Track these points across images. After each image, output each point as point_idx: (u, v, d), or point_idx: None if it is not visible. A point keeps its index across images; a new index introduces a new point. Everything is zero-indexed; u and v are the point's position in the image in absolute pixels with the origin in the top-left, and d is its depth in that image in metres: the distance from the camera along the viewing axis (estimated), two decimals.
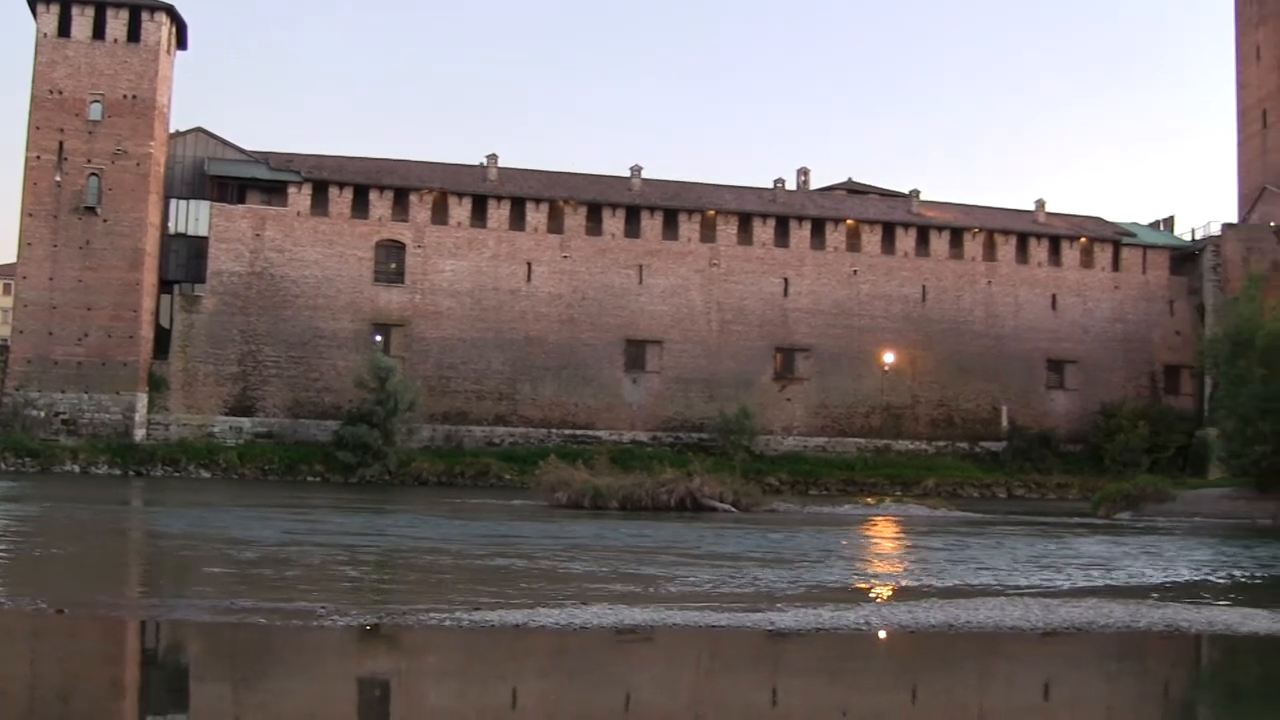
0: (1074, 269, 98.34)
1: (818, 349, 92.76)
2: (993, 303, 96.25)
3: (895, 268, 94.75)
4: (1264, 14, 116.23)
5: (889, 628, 19.66)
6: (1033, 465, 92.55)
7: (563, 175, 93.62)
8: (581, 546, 34.20)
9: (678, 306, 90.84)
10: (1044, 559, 33.03)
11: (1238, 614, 21.49)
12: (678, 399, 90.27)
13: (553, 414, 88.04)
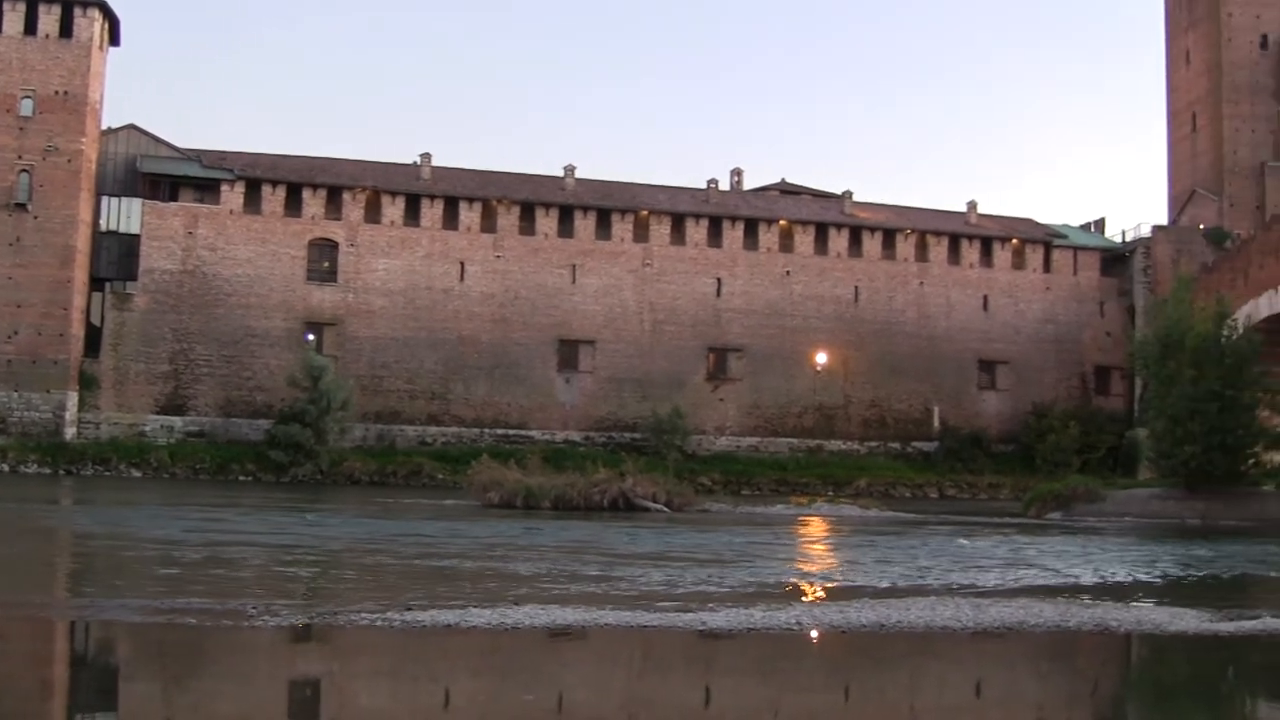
0: (1006, 270, 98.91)
1: (750, 349, 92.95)
2: (925, 303, 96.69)
3: (828, 268, 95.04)
4: (1193, 18, 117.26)
5: (821, 628, 19.73)
6: (964, 465, 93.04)
7: (496, 174, 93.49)
8: (513, 547, 34.18)
9: (611, 306, 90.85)
10: (975, 559, 33.20)
11: (1166, 613, 21.67)
12: (611, 399, 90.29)
13: (485, 413, 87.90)
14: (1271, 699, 16.54)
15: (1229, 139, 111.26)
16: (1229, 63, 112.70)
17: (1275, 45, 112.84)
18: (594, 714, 14.75)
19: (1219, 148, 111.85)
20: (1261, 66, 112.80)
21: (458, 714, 14.53)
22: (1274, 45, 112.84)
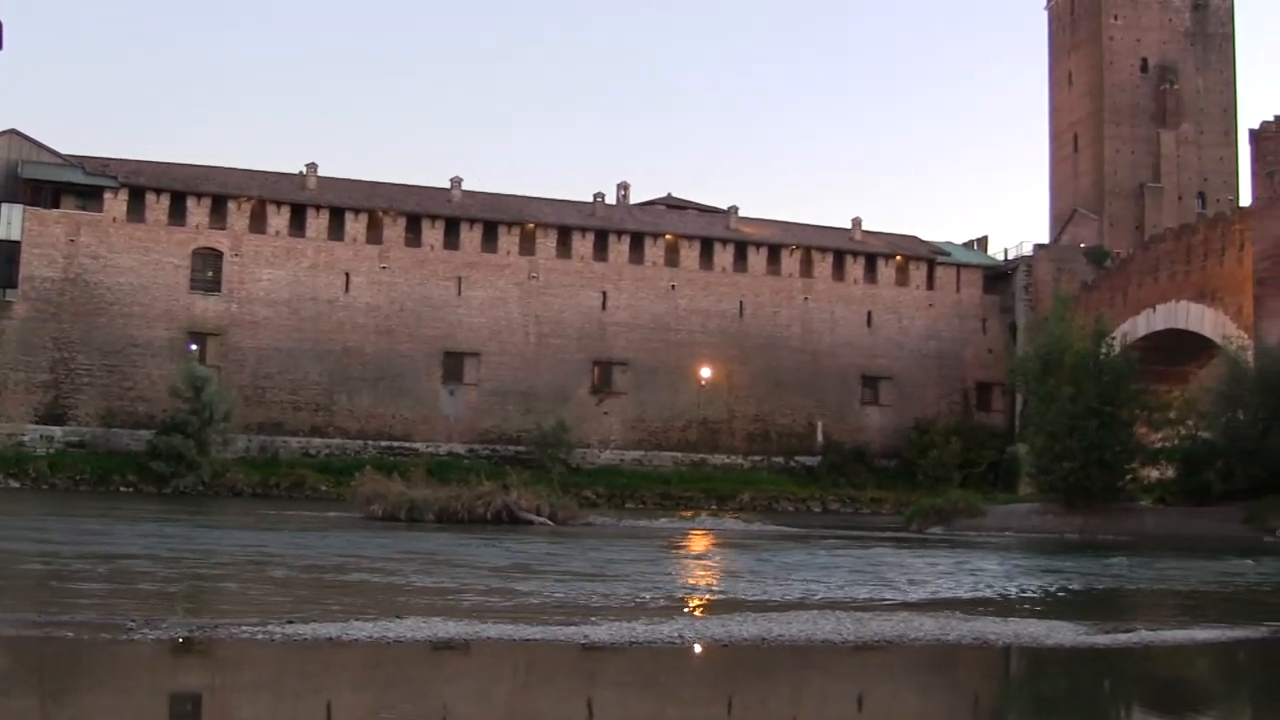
0: (889, 287, 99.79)
1: (635, 363, 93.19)
2: (809, 319, 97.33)
3: (713, 283, 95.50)
4: (1076, 41, 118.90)
5: (703, 641, 19.79)
6: (847, 480, 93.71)
7: (382, 185, 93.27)
8: (396, 560, 34.03)
9: (496, 319, 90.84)
10: (857, 572, 33.42)
11: (1044, 626, 21.90)
12: (495, 411, 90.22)
13: (369, 425, 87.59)
14: (1146, 710, 16.78)
15: (1109, 160, 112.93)
16: (1110, 85, 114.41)
17: (1155, 69, 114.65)
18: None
19: (1100, 168, 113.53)
20: (1142, 89, 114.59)
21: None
22: (1154, 69, 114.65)
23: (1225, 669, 20.53)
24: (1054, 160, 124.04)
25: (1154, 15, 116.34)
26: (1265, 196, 69.10)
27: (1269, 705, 17.49)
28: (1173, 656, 20.62)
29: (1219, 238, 76.19)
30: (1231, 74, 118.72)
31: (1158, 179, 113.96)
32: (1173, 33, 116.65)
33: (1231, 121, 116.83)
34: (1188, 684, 19.24)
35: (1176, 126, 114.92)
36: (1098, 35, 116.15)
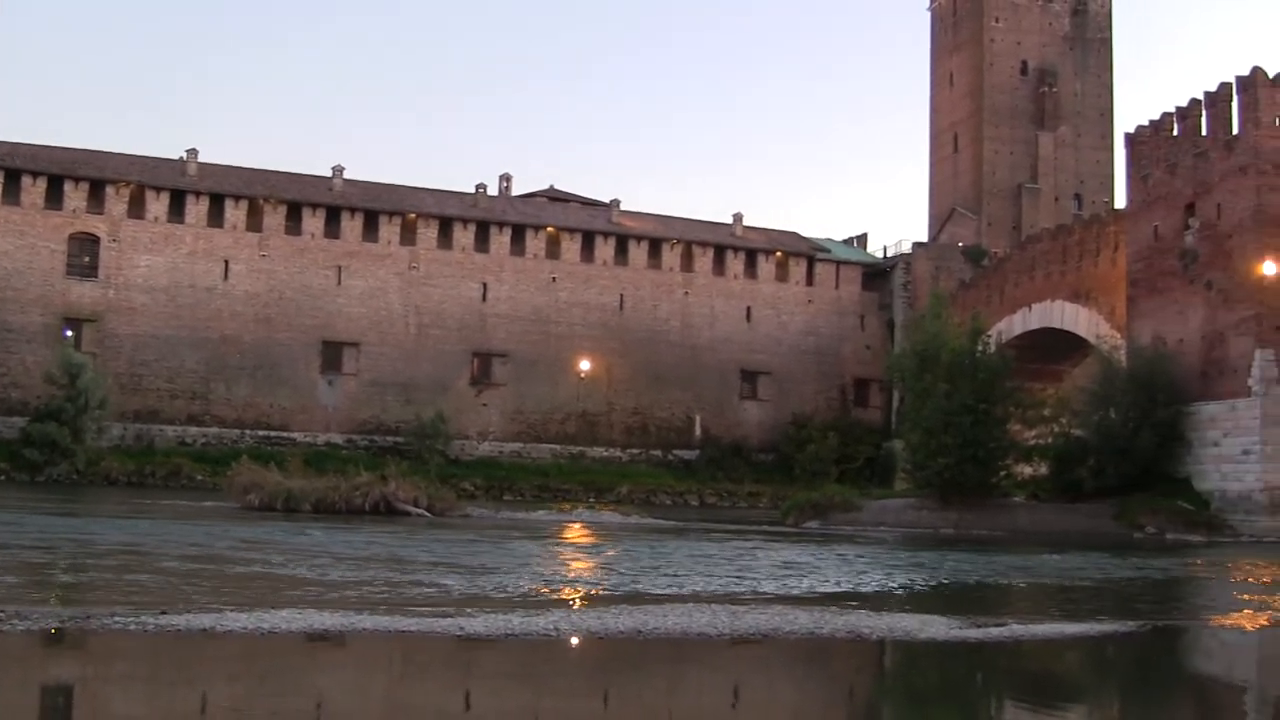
0: (769, 282, 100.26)
1: (515, 355, 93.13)
2: (689, 313, 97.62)
3: (594, 276, 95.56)
4: (958, 42, 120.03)
5: (579, 633, 19.82)
6: (725, 474, 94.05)
7: (263, 173, 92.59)
8: (272, 550, 33.80)
9: (376, 309, 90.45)
10: (733, 566, 33.52)
11: (916, 620, 22.10)
12: (374, 402, 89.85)
13: (247, 414, 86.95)
14: (1018, 703, 16.98)
15: (989, 160, 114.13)
16: (990, 87, 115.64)
17: (1035, 72, 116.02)
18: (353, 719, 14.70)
19: (979, 168, 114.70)
20: (1021, 92, 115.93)
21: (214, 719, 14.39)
22: (1034, 72, 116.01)
23: (1094, 662, 20.81)
24: (934, 160, 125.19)
25: (1034, 19, 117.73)
26: (1139, 199, 70.03)
27: (1136, 698, 17.77)
28: (1043, 650, 20.88)
29: (1094, 239, 77.13)
30: (1109, 78, 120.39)
31: (1035, 180, 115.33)
32: (1052, 37, 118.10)
33: (1108, 125, 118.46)
34: (1058, 677, 19.50)
35: (1055, 129, 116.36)
36: (979, 37, 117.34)
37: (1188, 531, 59.16)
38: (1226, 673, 20.97)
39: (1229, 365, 61.93)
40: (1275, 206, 60.82)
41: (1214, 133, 64.16)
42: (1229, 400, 61.75)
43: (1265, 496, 59.57)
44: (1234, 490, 60.93)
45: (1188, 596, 32.66)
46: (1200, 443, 63.25)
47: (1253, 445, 60.26)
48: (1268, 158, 61.00)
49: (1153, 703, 17.33)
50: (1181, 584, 35.73)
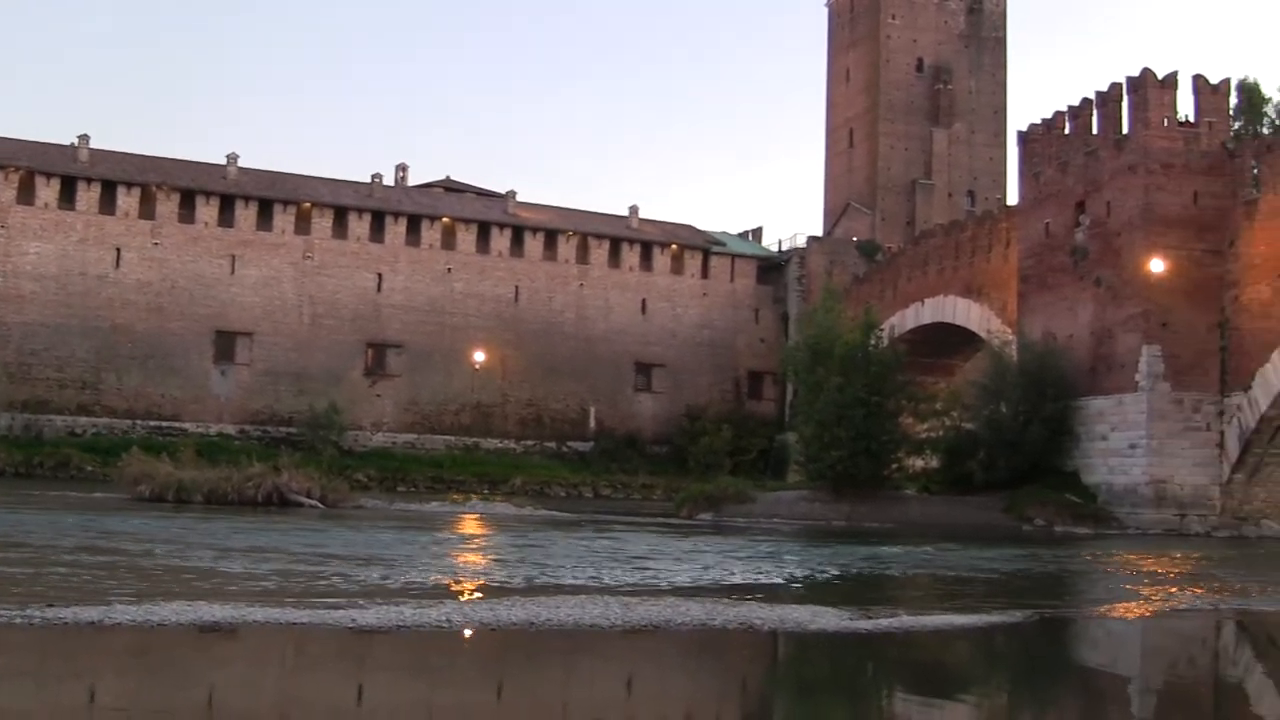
0: (665, 275, 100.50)
1: (410, 345, 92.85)
2: (584, 305, 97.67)
3: (489, 267, 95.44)
4: (854, 38, 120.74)
5: (472, 625, 19.82)
6: (619, 466, 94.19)
7: (156, 160, 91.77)
8: (161, 542, 33.54)
9: (270, 299, 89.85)
10: (626, 558, 33.60)
11: (808, 612, 22.24)
12: (267, 392, 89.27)
13: (138, 405, 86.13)
14: (909, 693, 17.14)
15: (883, 156, 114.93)
16: (886, 83, 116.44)
17: (930, 69, 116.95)
18: (245, 712, 14.61)
19: (874, 164, 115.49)
20: (916, 88, 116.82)
21: (103, 714, 14.28)
22: (929, 69, 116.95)
23: (983, 652, 21.09)
24: (830, 154, 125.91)
25: (930, 17, 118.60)
26: (1031, 196, 70.77)
27: (1024, 687, 18.01)
28: (933, 641, 21.09)
29: (986, 235, 77.86)
30: (1003, 76, 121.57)
31: (929, 176, 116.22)
32: (948, 34, 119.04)
33: (1002, 122, 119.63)
34: (947, 668, 19.71)
35: (949, 125, 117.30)
36: (875, 34, 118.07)
37: (1075, 524, 59.86)
38: (1111, 662, 21.32)
39: (1117, 361, 62.71)
40: (1163, 205, 61.64)
41: (1104, 132, 64.92)
42: (1116, 395, 62.54)
43: (1151, 490, 60.42)
44: (1120, 483, 61.74)
45: (1074, 587, 33.10)
46: (1088, 437, 64.03)
47: (1139, 439, 61.07)
48: (1156, 157, 61.80)
49: (1040, 692, 17.56)
50: (1068, 575, 36.17)
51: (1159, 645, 22.89)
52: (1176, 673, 20.12)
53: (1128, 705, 17.11)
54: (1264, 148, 61.98)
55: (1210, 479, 60.94)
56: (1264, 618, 26.25)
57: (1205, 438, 61.10)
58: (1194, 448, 61.00)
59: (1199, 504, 60.66)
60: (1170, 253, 61.31)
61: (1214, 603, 28.00)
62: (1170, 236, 61.51)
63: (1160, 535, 57.18)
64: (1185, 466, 60.90)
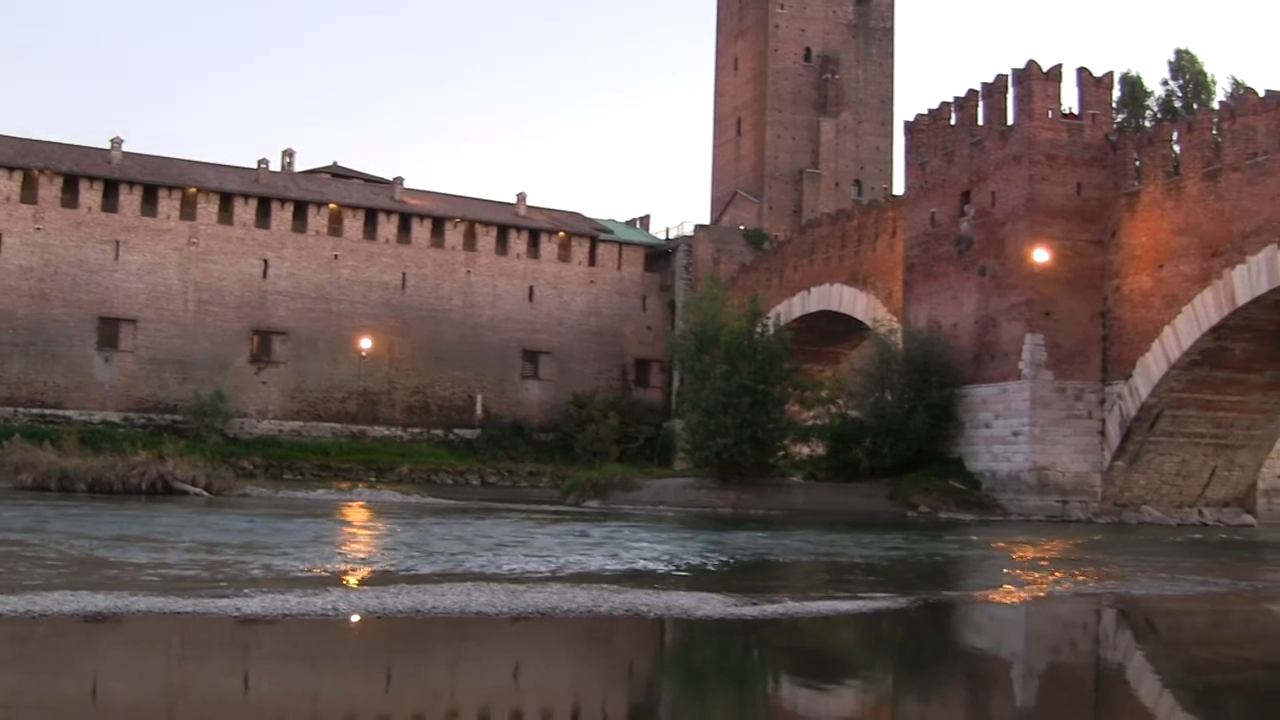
0: (552, 262, 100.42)
1: (296, 332, 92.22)
2: (471, 292, 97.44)
3: (376, 254, 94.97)
4: (743, 27, 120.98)
5: (358, 613, 19.81)
6: (506, 453, 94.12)
7: (38, 144, 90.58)
8: (43, 531, 33.23)
9: (154, 285, 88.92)
10: (512, 546, 33.62)
11: (693, 598, 22.38)
12: (151, 379, 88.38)
13: (19, 392, 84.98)
14: (794, 678, 17.28)
15: (771, 145, 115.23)
16: (774, 72, 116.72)
17: (818, 59, 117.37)
18: (129, 703, 14.52)
19: (761, 153, 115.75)
20: (804, 78, 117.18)
21: None
22: (817, 58, 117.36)
23: (868, 638, 21.30)
24: (717, 143, 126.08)
25: (819, 6, 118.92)
26: (916, 186, 71.28)
27: (909, 672, 18.21)
28: (818, 627, 21.29)
29: (873, 224, 78.40)
30: (890, 67, 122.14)
31: (817, 165, 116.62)
32: (836, 24, 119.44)
33: (889, 112, 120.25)
34: (832, 653, 19.92)
35: (836, 115, 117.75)
36: (764, 23, 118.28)
37: (960, 510, 60.44)
38: (995, 647, 21.61)
39: (1001, 349, 63.33)
40: (1047, 196, 62.28)
41: (990, 123, 65.50)
42: (1000, 383, 63.15)
43: (1033, 476, 61.08)
44: (1004, 470, 62.39)
45: (958, 573, 33.44)
46: (972, 424, 64.64)
47: (1022, 427, 61.72)
48: (1040, 148, 62.42)
49: (925, 677, 17.77)
50: (952, 561, 36.52)
51: (1041, 630, 23.21)
52: (1059, 657, 20.43)
53: (1011, 689, 17.36)
54: (1146, 140, 62.77)
55: (1092, 466, 61.70)
56: (1143, 602, 26.67)
57: (1087, 425, 61.86)
58: (1076, 435, 61.74)
59: (1081, 491, 61.41)
60: (1053, 243, 61.97)
61: (1095, 588, 28.42)
62: (1054, 227, 62.16)
63: (1043, 521, 57.86)
64: (1067, 454, 61.61)
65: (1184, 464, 61.88)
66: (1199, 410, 60.15)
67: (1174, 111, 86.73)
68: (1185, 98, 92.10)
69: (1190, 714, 15.68)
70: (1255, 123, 55.30)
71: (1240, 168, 55.48)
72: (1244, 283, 54.73)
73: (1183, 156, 59.43)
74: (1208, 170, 57.18)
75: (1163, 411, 59.90)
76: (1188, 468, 62.02)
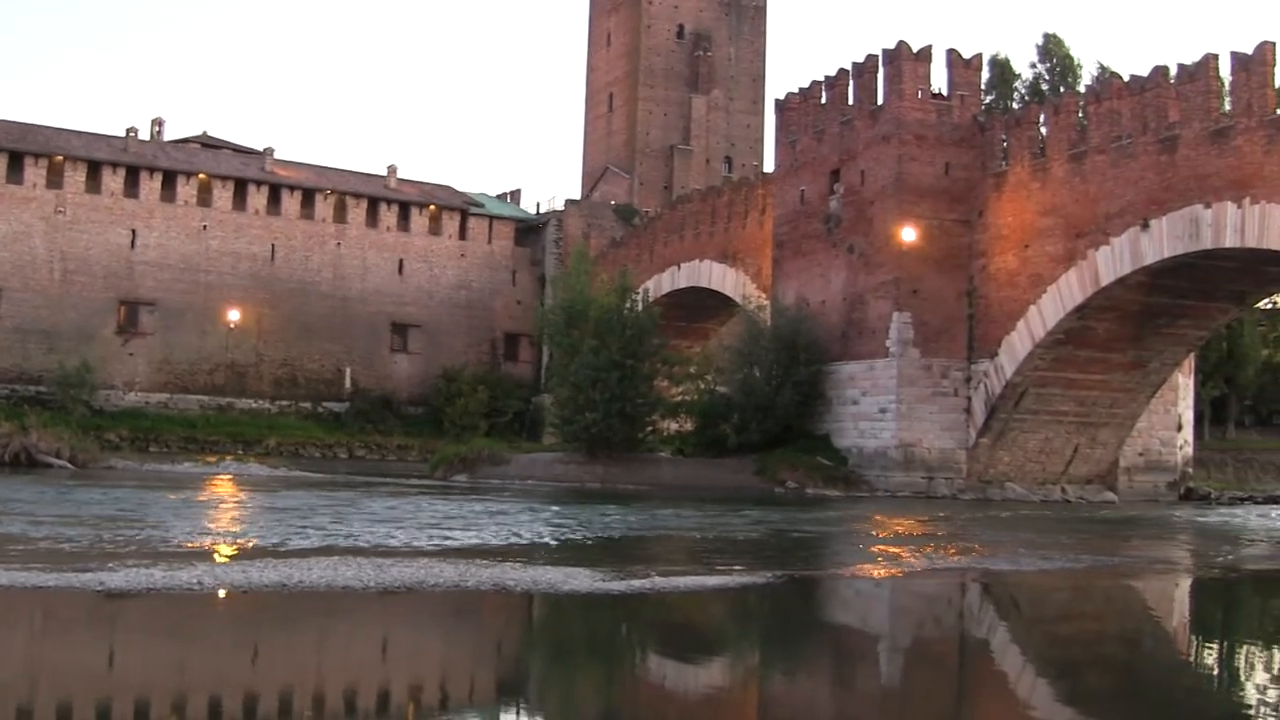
0: (422, 235, 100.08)
1: (164, 303, 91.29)
2: (341, 265, 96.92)
3: (246, 225, 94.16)
4: (616, 3, 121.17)
5: (224, 587, 19.72)
6: (375, 426, 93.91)
7: None
8: None
9: (19, 254, 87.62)
10: (380, 519, 33.57)
11: (561, 573, 22.46)
12: (15, 350, 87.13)
13: None
14: (661, 653, 17.42)
15: (642, 121, 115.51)
16: (647, 48, 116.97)
17: (691, 36, 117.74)
18: None
19: (633, 128, 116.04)
20: (677, 54, 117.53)
21: None
22: (690, 35, 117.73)
23: (736, 612, 21.50)
24: (589, 118, 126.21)
25: None
26: (786, 164, 71.62)
27: (776, 646, 18.37)
28: (686, 601, 21.43)
29: (743, 201, 78.75)
30: (762, 45, 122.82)
31: (688, 141, 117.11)
32: (709, 2, 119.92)
33: (760, 90, 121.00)
34: (700, 628, 20.09)
35: (708, 92, 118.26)
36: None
37: (827, 486, 60.90)
38: (860, 620, 21.91)
39: (868, 327, 63.83)
40: (915, 175, 62.82)
41: (860, 102, 65.94)
42: (868, 360, 63.67)
43: (900, 453, 61.68)
44: (871, 447, 62.95)
45: (825, 549, 33.73)
46: (840, 401, 65.12)
47: (889, 404, 62.31)
48: (909, 128, 62.93)
49: (790, 650, 17.93)
50: (819, 537, 36.82)
51: (906, 605, 23.51)
52: (923, 631, 20.72)
53: (876, 663, 17.60)
54: (1013, 122, 63.49)
55: (957, 443, 62.42)
56: (1007, 578, 27.07)
57: (953, 403, 62.55)
58: (942, 413, 62.42)
59: (946, 467, 62.12)
60: (921, 222, 62.53)
61: (959, 564, 28.81)
62: (922, 206, 62.72)
63: (909, 498, 58.49)
64: (933, 431, 62.28)
65: (1048, 441, 62.76)
66: (1063, 389, 61.03)
67: (1041, 94, 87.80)
68: (1052, 81, 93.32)
69: (1053, 686, 15.98)
70: (1120, 106, 56.13)
71: (1105, 150, 56.28)
72: (1107, 263, 55.56)
73: (1049, 139, 60.19)
74: (1073, 152, 57.96)
75: (1027, 390, 60.70)
76: (1051, 445, 62.91)
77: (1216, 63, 51.82)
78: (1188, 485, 68.65)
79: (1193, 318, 59.50)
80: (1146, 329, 59.23)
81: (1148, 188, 53.90)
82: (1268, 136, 48.82)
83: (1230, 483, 79.01)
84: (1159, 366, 62.01)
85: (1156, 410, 66.24)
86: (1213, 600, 26.09)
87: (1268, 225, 48.30)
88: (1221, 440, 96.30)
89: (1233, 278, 55.35)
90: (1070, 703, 14.76)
